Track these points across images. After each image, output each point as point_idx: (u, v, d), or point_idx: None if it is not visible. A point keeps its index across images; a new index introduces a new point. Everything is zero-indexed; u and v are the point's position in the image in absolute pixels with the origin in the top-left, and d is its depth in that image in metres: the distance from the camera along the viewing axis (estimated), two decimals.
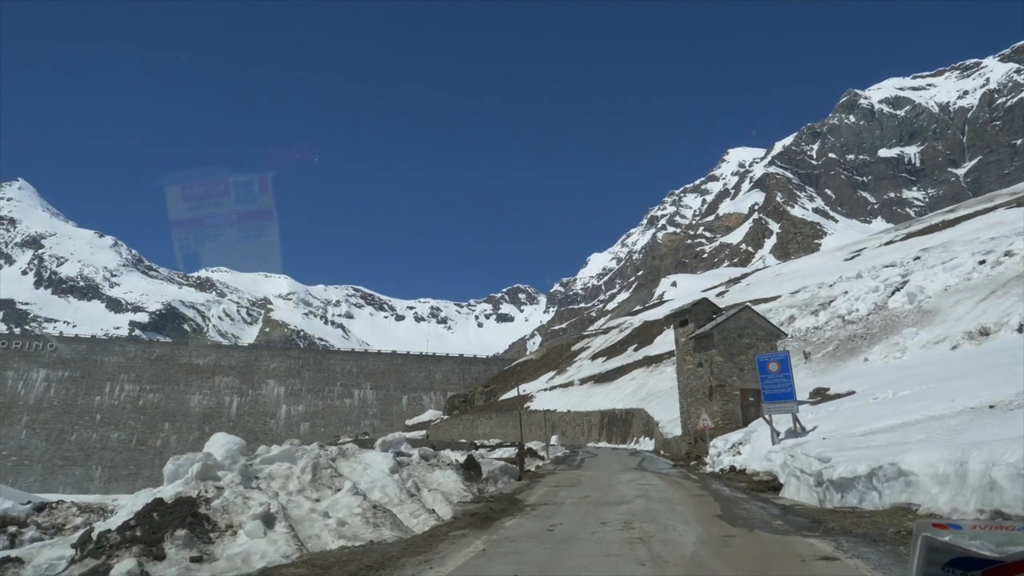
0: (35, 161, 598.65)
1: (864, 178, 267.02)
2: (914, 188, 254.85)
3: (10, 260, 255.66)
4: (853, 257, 75.61)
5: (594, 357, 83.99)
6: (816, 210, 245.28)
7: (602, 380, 67.34)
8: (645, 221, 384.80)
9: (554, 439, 44.22)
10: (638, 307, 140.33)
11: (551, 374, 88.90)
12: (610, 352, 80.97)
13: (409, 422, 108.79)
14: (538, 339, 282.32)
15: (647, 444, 44.72)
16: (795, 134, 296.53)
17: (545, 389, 77.76)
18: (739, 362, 29.29)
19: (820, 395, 27.67)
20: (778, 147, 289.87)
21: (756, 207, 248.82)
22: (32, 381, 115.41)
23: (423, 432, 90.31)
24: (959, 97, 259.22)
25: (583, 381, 71.79)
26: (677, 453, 31.50)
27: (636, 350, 73.81)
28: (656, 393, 51.84)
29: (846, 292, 51.76)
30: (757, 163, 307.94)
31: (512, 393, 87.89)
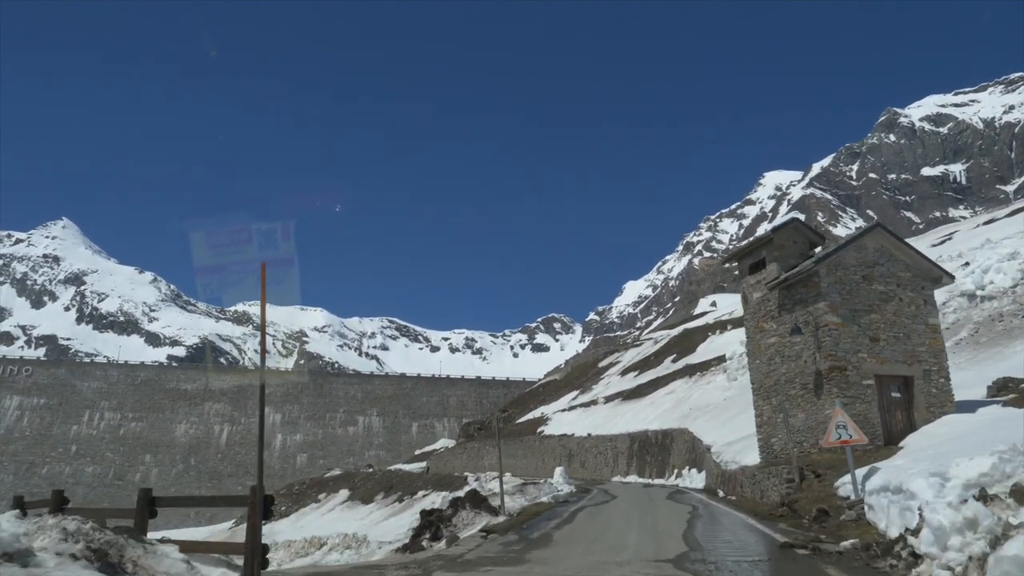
0: (78, 199, 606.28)
1: (907, 198, 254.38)
2: (961, 207, 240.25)
3: (54, 297, 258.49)
4: (943, 242, 60.62)
5: (624, 372, 69.83)
6: (859, 230, 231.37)
7: (632, 396, 53.33)
8: (681, 247, 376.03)
9: (558, 472, 30.53)
10: (674, 323, 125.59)
11: (574, 393, 74.88)
12: (643, 365, 66.84)
13: (419, 452, 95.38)
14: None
15: (694, 479, 30.94)
16: (833, 155, 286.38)
17: (563, 410, 63.77)
18: (869, 325, 15.48)
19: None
20: (816, 169, 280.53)
21: None
22: (4, 409, 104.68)
23: (424, 464, 77.11)
24: (1005, 112, 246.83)
25: (609, 399, 57.77)
26: (755, 498, 17.48)
27: (675, 360, 59.64)
28: (704, 408, 37.99)
29: (966, 264, 37.81)
30: (794, 186, 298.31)
31: (530, 417, 74.23)
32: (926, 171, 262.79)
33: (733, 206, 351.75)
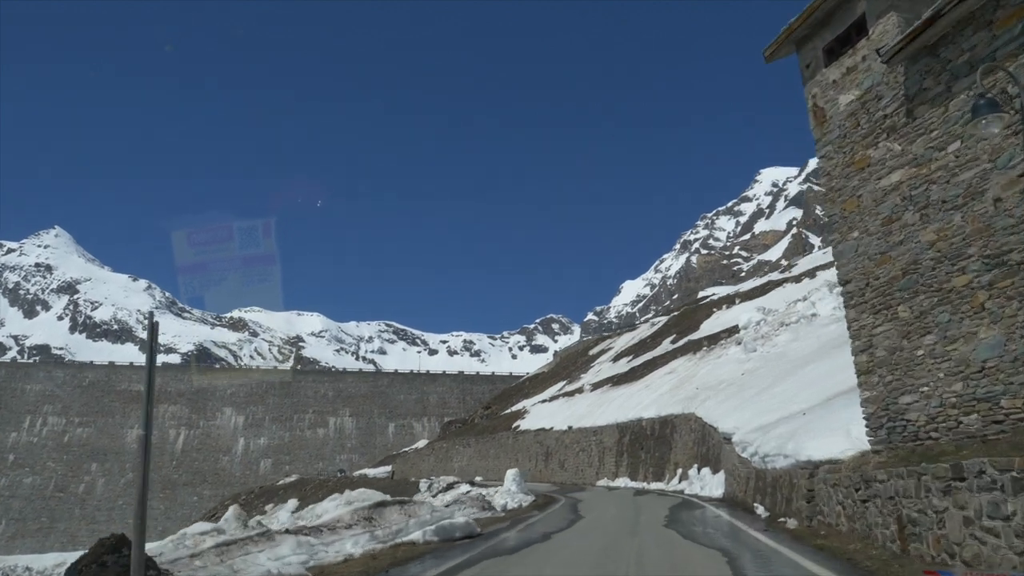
0: (71, 208, 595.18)
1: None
2: None
3: (47, 306, 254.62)
4: None
5: (617, 358, 59.78)
6: None
7: (623, 380, 43.40)
8: (678, 246, 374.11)
9: (510, 477, 20.87)
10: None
11: (561, 384, 64.83)
12: (638, 349, 56.87)
13: (384, 456, 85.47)
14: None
15: (707, 482, 21.26)
16: None
17: (543, 401, 53.80)
18: None
19: None
20: (812, 164, 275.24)
21: (795, 222, 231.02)
22: None
23: (389, 468, 67.33)
24: None
25: (597, 386, 47.85)
26: (857, 529, 7.39)
27: (675, 341, 49.68)
28: (715, 386, 28.18)
29: None
30: (791, 181, 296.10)
31: (510, 412, 64.45)
32: None
33: (730, 203, 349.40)
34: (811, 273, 48.23)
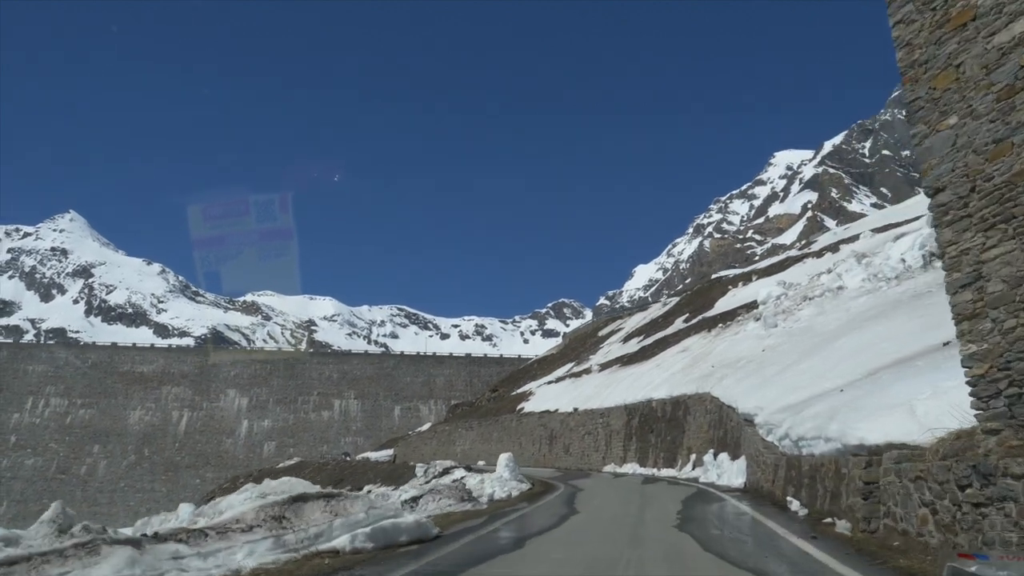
0: (86, 192, 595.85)
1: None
2: None
3: (62, 290, 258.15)
4: None
5: (627, 338, 57.09)
6: (875, 206, 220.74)
7: (633, 360, 40.79)
8: (691, 230, 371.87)
9: (503, 462, 18.38)
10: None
11: (569, 366, 62.29)
12: (649, 329, 54.14)
13: (388, 439, 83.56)
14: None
15: (725, 469, 18.72)
16: (845, 132, 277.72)
17: (549, 382, 51.28)
18: None
19: None
20: (827, 147, 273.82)
21: (809, 205, 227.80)
22: None
23: (391, 451, 65.30)
24: None
25: (605, 366, 45.25)
26: (939, 551, 4.87)
27: (688, 320, 46.93)
28: (734, 363, 25.52)
29: None
30: (806, 164, 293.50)
31: (517, 394, 62.09)
32: None
33: (744, 187, 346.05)
34: (834, 247, 45.18)
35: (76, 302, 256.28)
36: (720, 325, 35.16)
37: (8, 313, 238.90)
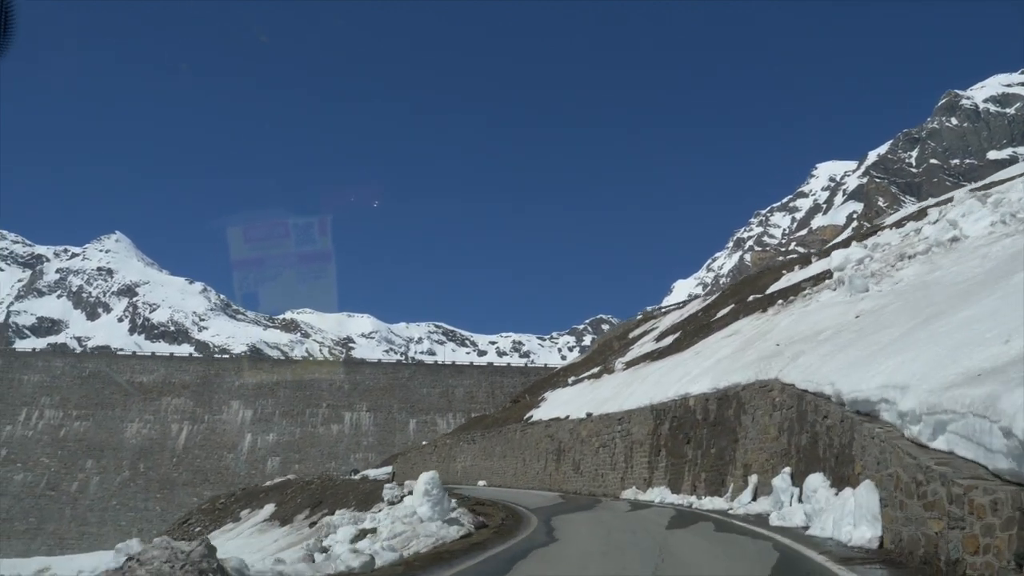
0: (131, 213, 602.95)
1: (972, 183, 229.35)
2: None
3: (108, 308, 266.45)
4: None
5: (660, 337, 48.23)
6: None
7: (663, 355, 32.30)
8: (731, 244, 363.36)
9: (423, 486, 10.03)
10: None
11: (595, 370, 53.58)
12: (688, 324, 45.31)
13: (389, 455, 75.80)
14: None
15: (823, 504, 9.67)
16: (890, 142, 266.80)
17: (564, 386, 42.83)
18: None
19: None
20: (872, 156, 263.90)
21: (855, 215, 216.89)
22: None
23: (390, 469, 57.68)
24: None
25: (630, 364, 36.76)
26: None
27: (736, 303, 38.18)
28: (812, 336, 16.63)
29: None
30: (850, 175, 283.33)
31: (529, 401, 53.55)
32: (992, 154, 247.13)
33: (785, 199, 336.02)
34: (917, 215, 35.87)
35: (121, 320, 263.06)
36: (780, 301, 26.53)
37: (56, 331, 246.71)
